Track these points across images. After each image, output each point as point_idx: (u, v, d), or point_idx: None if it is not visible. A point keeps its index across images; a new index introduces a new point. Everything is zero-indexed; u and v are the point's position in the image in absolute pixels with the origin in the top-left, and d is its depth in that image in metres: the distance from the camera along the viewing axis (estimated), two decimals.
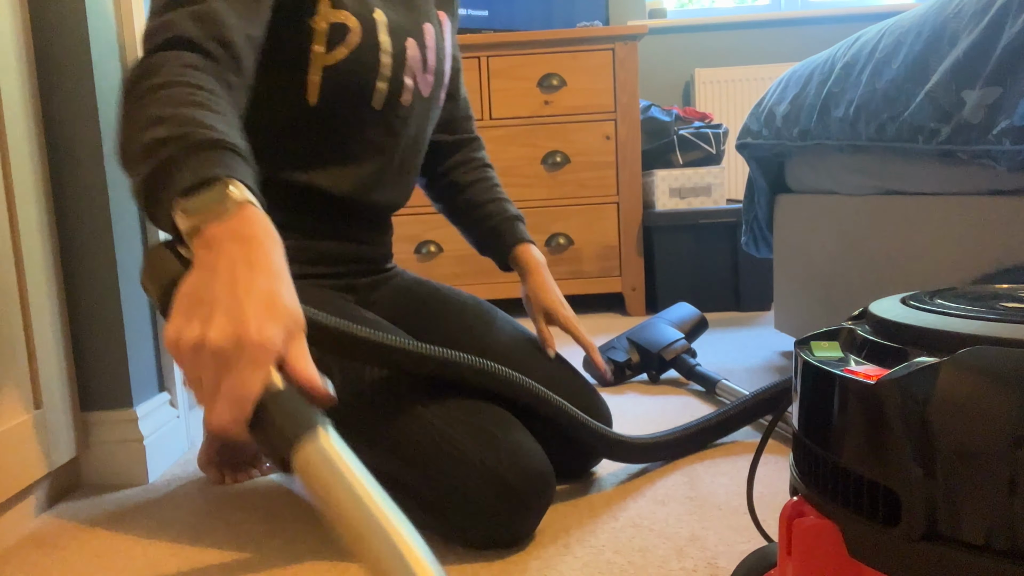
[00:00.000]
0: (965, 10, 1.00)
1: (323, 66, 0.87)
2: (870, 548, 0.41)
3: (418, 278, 1.11)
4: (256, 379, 0.47)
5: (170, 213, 0.55)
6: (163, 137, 0.57)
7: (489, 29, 2.55)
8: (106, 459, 1.09)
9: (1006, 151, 0.89)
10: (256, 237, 0.53)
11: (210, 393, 0.48)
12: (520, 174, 2.33)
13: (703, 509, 0.91)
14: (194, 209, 0.54)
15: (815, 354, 0.47)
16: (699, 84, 2.96)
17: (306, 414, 0.47)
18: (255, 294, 0.50)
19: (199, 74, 0.64)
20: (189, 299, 0.51)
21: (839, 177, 1.39)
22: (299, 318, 0.52)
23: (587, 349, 1.10)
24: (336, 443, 0.46)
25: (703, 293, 2.31)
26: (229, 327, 0.48)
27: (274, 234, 0.55)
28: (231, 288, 0.50)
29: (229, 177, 0.55)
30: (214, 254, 0.52)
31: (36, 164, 0.99)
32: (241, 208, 0.54)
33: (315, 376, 0.50)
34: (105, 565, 0.85)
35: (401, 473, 0.83)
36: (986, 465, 0.36)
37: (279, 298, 0.51)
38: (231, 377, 0.47)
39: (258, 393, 0.47)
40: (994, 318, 0.42)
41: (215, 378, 0.48)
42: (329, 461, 0.45)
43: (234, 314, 0.49)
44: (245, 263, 0.51)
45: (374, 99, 0.92)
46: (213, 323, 0.48)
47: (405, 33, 0.95)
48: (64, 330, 1.04)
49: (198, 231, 0.53)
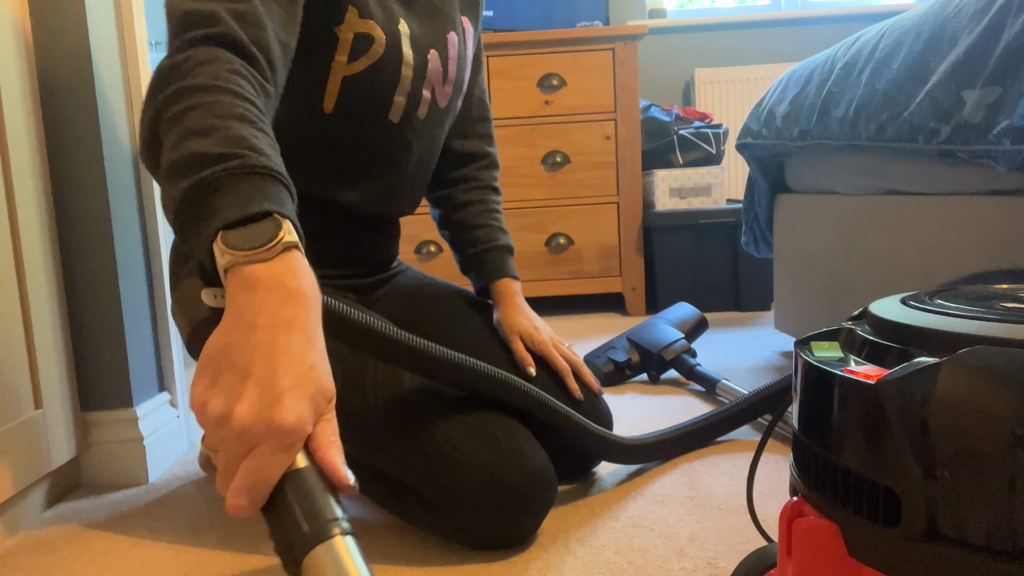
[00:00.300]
0: (965, 10, 1.00)
1: (343, 76, 0.85)
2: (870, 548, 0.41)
3: (421, 276, 1.11)
4: (280, 465, 0.44)
5: (209, 242, 0.51)
6: (210, 153, 0.53)
7: (490, 29, 2.55)
8: (106, 459, 1.09)
9: (1006, 151, 0.89)
10: (300, 292, 0.49)
11: (229, 469, 0.44)
12: (520, 174, 2.33)
13: (703, 509, 0.91)
14: (239, 244, 0.49)
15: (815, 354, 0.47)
16: (699, 84, 2.96)
17: (327, 512, 0.43)
18: (293, 368, 0.46)
19: (246, 84, 0.60)
20: (220, 358, 0.46)
21: (839, 177, 1.39)
22: (331, 392, 0.49)
23: (562, 374, 0.98)
24: (354, 554, 0.43)
25: (703, 293, 2.31)
26: (259, 404, 0.44)
27: (316, 288, 0.52)
28: (269, 356, 0.46)
29: (281, 216, 0.51)
30: (255, 304, 0.48)
31: (36, 164, 0.99)
32: (288, 253, 0.50)
33: (340, 463, 0.47)
34: (105, 565, 0.85)
35: (403, 474, 0.84)
36: (986, 465, 0.36)
37: (316, 371, 0.47)
38: (254, 459, 0.44)
39: (278, 479, 0.44)
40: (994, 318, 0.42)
41: (237, 456, 0.44)
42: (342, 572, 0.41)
43: (268, 389, 0.45)
44: (286, 325, 0.47)
45: (391, 112, 0.91)
46: (244, 397, 0.45)
47: (428, 45, 0.93)
48: (64, 330, 1.04)
49: (239, 269, 0.49)
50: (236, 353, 0.46)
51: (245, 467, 0.44)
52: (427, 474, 0.81)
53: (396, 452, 0.82)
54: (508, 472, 0.80)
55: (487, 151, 1.13)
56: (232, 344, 0.46)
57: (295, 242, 0.51)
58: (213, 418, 0.45)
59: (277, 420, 0.44)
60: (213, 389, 0.46)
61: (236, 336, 0.47)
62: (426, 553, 0.83)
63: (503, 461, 0.80)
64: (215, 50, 0.61)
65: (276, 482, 0.43)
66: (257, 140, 0.55)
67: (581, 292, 2.36)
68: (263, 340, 0.46)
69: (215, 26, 0.62)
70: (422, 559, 0.82)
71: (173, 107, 0.57)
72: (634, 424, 1.26)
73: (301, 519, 0.42)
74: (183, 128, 0.55)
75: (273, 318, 0.47)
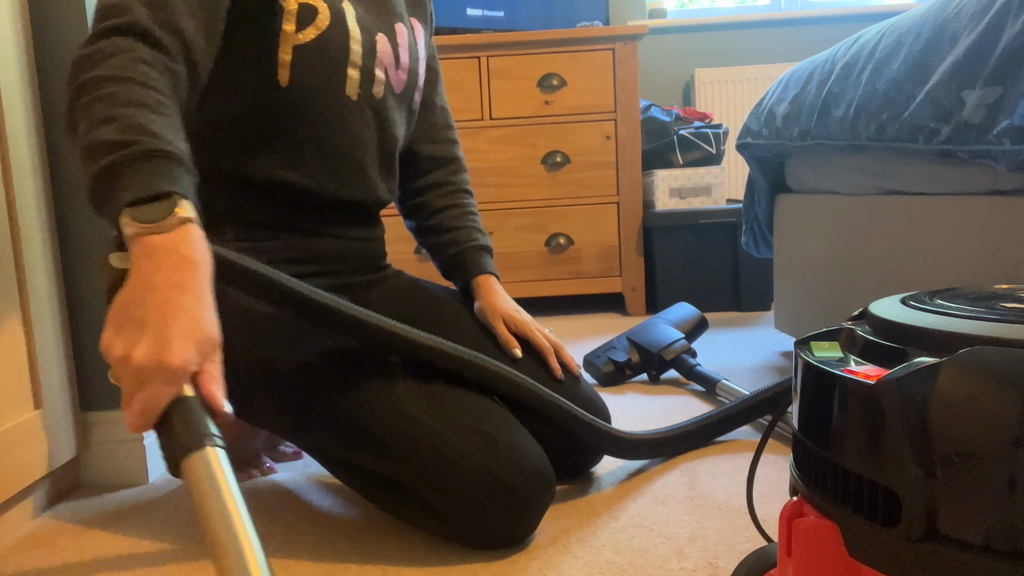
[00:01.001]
0: (965, 10, 1.00)
1: (293, 45, 0.87)
2: (870, 548, 0.41)
3: (415, 280, 1.11)
4: (166, 395, 0.55)
5: (117, 216, 0.60)
6: (112, 140, 0.61)
7: (490, 29, 2.56)
8: (106, 459, 1.09)
9: (1006, 151, 0.89)
10: (192, 259, 0.60)
11: (127, 397, 0.56)
12: (520, 174, 2.33)
13: (703, 509, 0.91)
14: (140, 219, 0.59)
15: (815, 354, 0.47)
16: (699, 84, 2.96)
17: (202, 429, 0.54)
18: (181, 319, 0.57)
19: (149, 70, 0.68)
20: (123, 312, 0.57)
21: (839, 177, 1.39)
22: (216, 340, 0.59)
23: (545, 353, 0.99)
24: (223, 462, 0.52)
25: (703, 293, 2.31)
26: (152, 349, 0.55)
27: (207, 256, 0.62)
28: (161, 310, 0.57)
29: (176, 194, 0.61)
30: (153, 268, 0.58)
31: (36, 164, 0.99)
32: (183, 225, 0.60)
33: (217, 394, 0.57)
34: (105, 565, 0.85)
35: (401, 476, 0.84)
36: (986, 465, 0.36)
37: (202, 323, 0.58)
38: (146, 391, 0.55)
39: (164, 407, 0.55)
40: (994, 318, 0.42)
41: (133, 388, 0.55)
42: (211, 476, 0.51)
43: (159, 337, 0.55)
44: (178, 286, 0.58)
45: (347, 86, 0.92)
46: (140, 343, 0.55)
47: (376, 29, 0.95)
48: (64, 330, 1.04)
49: (140, 239, 0.59)
50: (136, 308, 0.57)
51: (139, 397, 0.55)
52: (425, 475, 0.81)
53: (393, 455, 0.82)
54: (506, 471, 0.80)
55: (456, 155, 1.16)
56: (133, 300, 0.58)
57: (190, 217, 0.61)
58: (116, 359, 0.56)
59: (166, 361, 0.55)
60: (118, 336, 0.57)
61: (137, 293, 0.58)
62: (426, 553, 0.83)
63: (500, 461, 0.80)
64: (122, 40, 0.68)
65: (164, 408, 0.55)
66: (155, 125, 0.63)
67: (581, 292, 2.36)
68: (158, 298, 0.57)
69: (124, 16, 0.70)
70: (422, 559, 0.82)
71: (83, 97, 0.65)
72: (634, 424, 1.26)
73: (181, 433, 0.53)
74: (91, 118, 0.64)
75: (168, 280, 0.58)
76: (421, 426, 0.82)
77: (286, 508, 0.98)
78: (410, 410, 0.82)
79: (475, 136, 2.32)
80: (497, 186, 2.34)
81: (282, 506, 0.99)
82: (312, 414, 0.85)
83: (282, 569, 0.81)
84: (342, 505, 0.98)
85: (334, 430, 0.84)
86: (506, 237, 2.34)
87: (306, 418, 0.86)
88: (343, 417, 0.83)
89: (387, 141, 1.00)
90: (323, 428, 0.85)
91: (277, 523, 0.94)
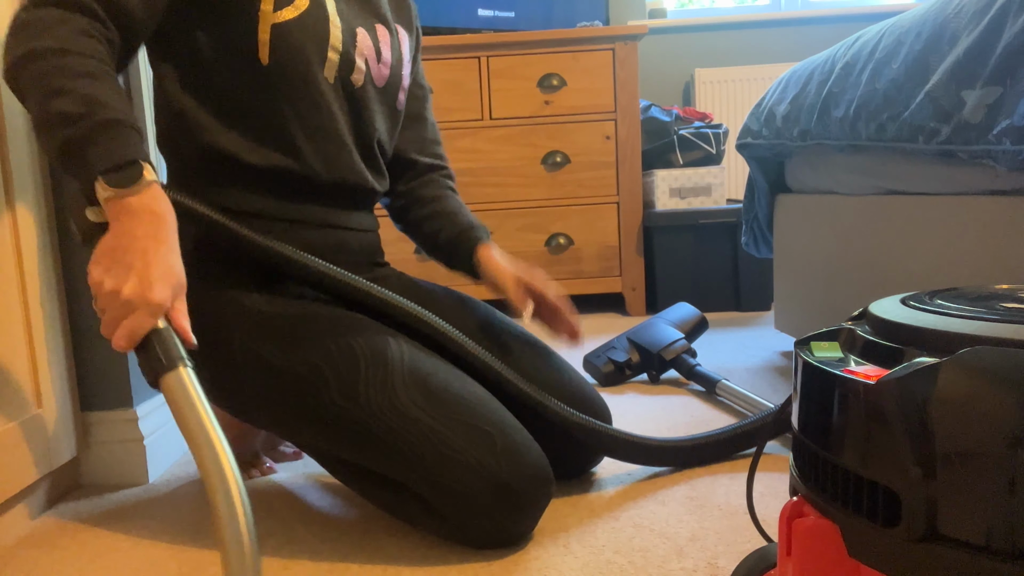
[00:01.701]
0: (965, 10, 1.00)
1: (271, 24, 0.88)
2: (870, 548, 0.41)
3: (415, 280, 1.11)
4: (148, 323, 0.68)
5: (92, 182, 0.71)
6: (69, 113, 0.70)
7: (490, 29, 2.56)
8: (106, 459, 1.09)
9: (1006, 151, 0.89)
10: (161, 213, 0.72)
11: (112, 323, 0.68)
12: (520, 174, 2.34)
13: (703, 509, 0.91)
14: (115, 184, 0.70)
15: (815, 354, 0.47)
16: (699, 84, 2.96)
17: (177, 352, 0.67)
18: (159, 264, 0.70)
19: (88, 41, 0.75)
20: (110, 257, 0.69)
21: (839, 177, 1.39)
22: (183, 283, 0.72)
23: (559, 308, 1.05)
24: (192, 378, 0.66)
25: (703, 293, 2.31)
26: (139, 287, 0.68)
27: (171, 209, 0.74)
28: (143, 256, 0.69)
29: (140, 160, 0.72)
30: (134, 223, 0.71)
31: (36, 164, 0.99)
32: (150, 187, 0.72)
33: (186, 325, 0.70)
34: (105, 565, 0.85)
35: (399, 475, 0.84)
36: (986, 465, 0.36)
37: (174, 269, 0.71)
38: (132, 319, 0.67)
39: (147, 332, 0.68)
40: (994, 318, 0.42)
41: (119, 317, 0.68)
42: (184, 389, 0.65)
43: (143, 278, 0.68)
44: (154, 237, 0.71)
45: (326, 68, 0.93)
46: (128, 282, 0.68)
47: (356, 22, 0.96)
48: (64, 330, 1.04)
49: (117, 200, 0.71)
50: (122, 255, 0.69)
51: (126, 324, 0.67)
52: (423, 475, 0.81)
53: (392, 454, 0.82)
54: (504, 471, 0.80)
55: (445, 164, 1.18)
56: (119, 247, 0.70)
57: (154, 179, 0.73)
58: (106, 293, 0.68)
59: (149, 296, 0.68)
60: (108, 274, 0.69)
61: (122, 242, 0.70)
62: (426, 553, 0.83)
63: (499, 460, 0.81)
64: (59, 12, 0.75)
65: (145, 334, 0.68)
66: (103, 95, 0.72)
67: (581, 292, 2.36)
68: (140, 247, 0.70)
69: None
70: (422, 559, 0.82)
71: (30, 67, 0.72)
72: (634, 424, 1.26)
73: (161, 354, 0.66)
74: (44, 89, 0.72)
75: (146, 232, 0.71)
76: (420, 425, 0.82)
77: (286, 508, 0.98)
78: (409, 409, 0.82)
79: (475, 136, 2.32)
80: (497, 186, 2.34)
81: (282, 506, 0.99)
82: (310, 413, 0.85)
83: (282, 569, 0.82)
84: (342, 505, 0.98)
85: (333, 429, 0.84)
86: (506, 237, 2.34)
87: (304, 417, 0.86)
88: (341, 416, 0.83)
89: (364, 130, 1.00)
90: (321, 427, 0.85)
91: (277, 523, 0.94)
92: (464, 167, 2.31)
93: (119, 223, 0.71)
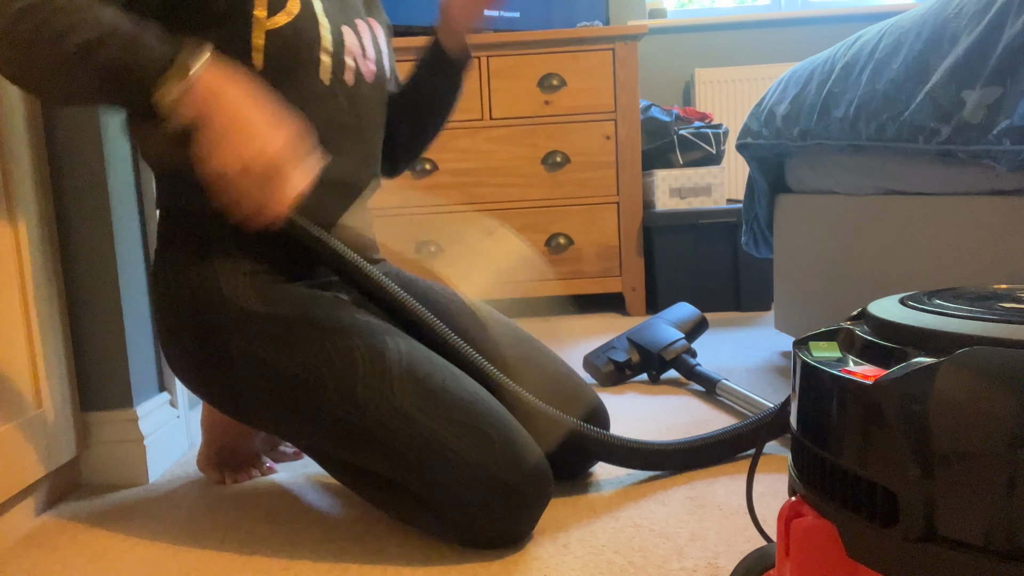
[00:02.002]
0: (965, 10, 1.00)
1: (265, 30, 0.88)
2: (868, 548, 0.41)
3: (412, 277, 1.11)
4: (301, 176, 0.76)
5: (150, 93, 0.72)
6: (88, 39, 0.71)
7: (490, 29, 2.56)
8: (106, 459, 1.09)
9: (1006, 151, 0.89)
10: (232, 74, 0.75)
11: (261, 197, 0.75)
12: (520, 174, 2.34)
13: (703, 509, 0.91)
14: (181, 76, 0.72)
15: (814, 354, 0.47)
16: (699, 84, 2.96)
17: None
18: (265, 118, 0.74)
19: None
20: (224, 136, 0.73)
21: (839, 177, 1.39)
22: (291, 118, 0.77)
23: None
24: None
25: (703, 293, 2.31)
26: (265, 148, 0.72)
27: (234, 66, 0.78)
28: (252, 118, 0.73)
29: (184, 47, 0.74)
30: (228, 100, 0.73)
31: (36, 164, 0.99)
32: (207, 59, 0.74)
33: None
34: (105, 565, 0.85)
35: (398, 475, 0.84)
36: (984, 465, 0.37)
37: (276, 113, 0.76)
38: (279, 179, 0.75)
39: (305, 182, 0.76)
40: (993, 318, 0.42)
41: (266, 186, 0.74)
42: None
43: (262, 138, 0.72)
44: (251, 100, 0.74)
45: (320, 71, 0.93)
46: (254, 150, 0.72)
47: (340, 21, 0.97)
48: (64, 330, 1.04)
49: (191, 91, 0.73)
50: (230, 130, 0.73)
51: (277, 188, 0.76)
52: (422, 475, 0.81)
53: (390, 455, 0.82)
54: (503, 470, 0.80)
55: None
56: (226, 125, 0.73)
57: (204, 50, 0.75)
58: (237, 173, 0.74)
59: (277, 151, 0.75)
60: (232, 157, 0.73)
61: (223, 121, 0.73)
62: (426, 553, 0.83)
63: (497, 459, 0.80)
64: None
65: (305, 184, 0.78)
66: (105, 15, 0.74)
67: (581, 292, 2.36)
68: (243, 115, 0.74)
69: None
70: (422, 559, 0.82)
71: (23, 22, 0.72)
72: (635, 424, 1.26)
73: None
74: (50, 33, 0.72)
75: (242, 99, 0.74)
76: (418, 425, 0.82)
77: (286, 508, 0.98)
78: (407, 409, 0.82)
79: (475, 136, 2.32)
80: (497, 186, 2.34)
81: (282, 506, 0.99)
82: (309, 415, 0.85)
83: (282, 569, 0.82)
84: (342, 505, 0.98)
85: (331, 430, 0.84)
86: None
87: (303, 419, 0.86)
88: (340, 418, 0.83)
89: (364, 128, 1.01)
90: (320, 429, 0.85)
91: (277, 523, 0.94)
92: (464, 167, 2.31)
93: (212, 110, 0.73)
